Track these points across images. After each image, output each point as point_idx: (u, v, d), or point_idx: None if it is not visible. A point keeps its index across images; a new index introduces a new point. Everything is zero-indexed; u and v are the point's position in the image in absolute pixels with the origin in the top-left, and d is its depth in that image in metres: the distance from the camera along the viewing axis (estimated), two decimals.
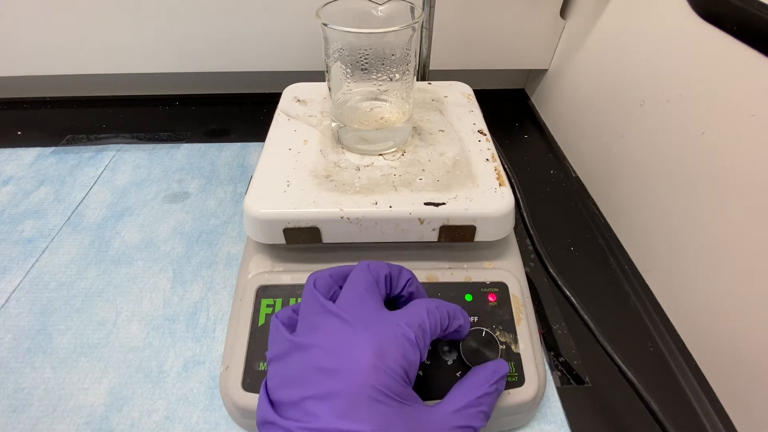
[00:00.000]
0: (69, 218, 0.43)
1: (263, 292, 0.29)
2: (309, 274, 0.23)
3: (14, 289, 0.37)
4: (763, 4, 0.28)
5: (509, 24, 0.54)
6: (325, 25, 0.27)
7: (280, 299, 0.29)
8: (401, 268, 0.24)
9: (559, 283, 0.32)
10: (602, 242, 0.43)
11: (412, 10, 0.29)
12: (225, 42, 0.54)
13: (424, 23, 0.40)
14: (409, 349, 0.20)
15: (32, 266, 0.38)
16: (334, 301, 0.22)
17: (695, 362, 0.33)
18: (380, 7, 0.29)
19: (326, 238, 0.29)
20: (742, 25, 0.29)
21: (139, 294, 0.36)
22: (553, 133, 0.57)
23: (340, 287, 0.23)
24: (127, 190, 0.46)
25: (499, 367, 0.24)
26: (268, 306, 0.28)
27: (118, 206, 0.44)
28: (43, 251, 0.40)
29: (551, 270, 0.33)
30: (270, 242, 0.29)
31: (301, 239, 0.29)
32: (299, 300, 0.28)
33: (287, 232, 0.28)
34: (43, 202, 0.45)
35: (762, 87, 0.28)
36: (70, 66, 0.55)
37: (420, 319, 0.21)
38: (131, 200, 0.45)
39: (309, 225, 0.28)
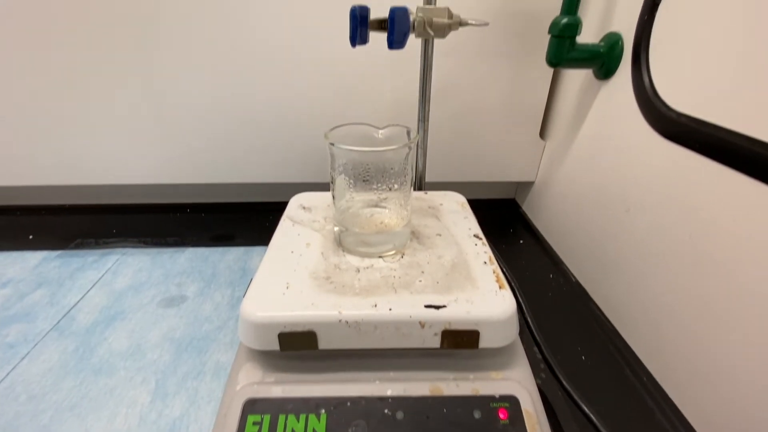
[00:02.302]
0: (58, 323, 0.42)
1: (250, 407, 0.26)
2: (301, 385, 0.21)
3: None
4: (715, 126, 0.32)
5: (496, 143, 0.61)
6: (332, 144, 0.30)
7: (269, 415, 0.26)
8: None
9: (575, 398, 0.29)
10: (612, 348, 0.41)
11: (408, 132, 0.33)
12: (235, 156, 0.60)
13: (419, 143, 0.45)
14: None
15: (7, 374, 0.36)
16: None
17: None
18: (380, 131, 0.34)
19: (322, 344, 0.28)
20: (702, 143, 0.33)
21: (114, 409, 0.33)
22: (547, 238, 0.59)
23: None
24: (123, 293, 0.46)
25: None
26: (254, 423, 0.26)
27: (111, 310, 0.43)
28: (23, 358, 0.38)
29: (565, 383, 0.30)
30: (263, 348, 0.28)
31: (295, 345, 0.27)
32: (289, 417, 0.26)
33: (282, 337, 0.27)
34: (36, 305, 0.44)
35: (734, 196, 0.30)
36: (87, 176, 0.59)
37: None
38: (126, 304, 0.44)
39: (305, 329, 0.27)
